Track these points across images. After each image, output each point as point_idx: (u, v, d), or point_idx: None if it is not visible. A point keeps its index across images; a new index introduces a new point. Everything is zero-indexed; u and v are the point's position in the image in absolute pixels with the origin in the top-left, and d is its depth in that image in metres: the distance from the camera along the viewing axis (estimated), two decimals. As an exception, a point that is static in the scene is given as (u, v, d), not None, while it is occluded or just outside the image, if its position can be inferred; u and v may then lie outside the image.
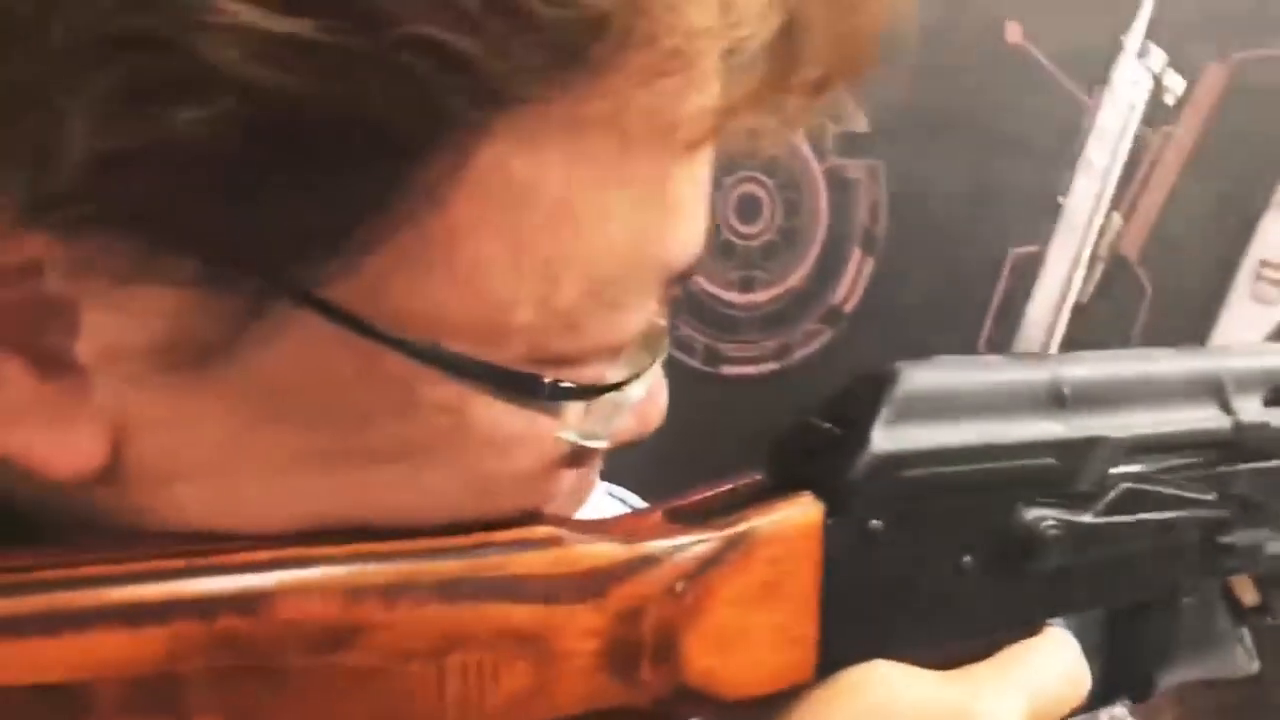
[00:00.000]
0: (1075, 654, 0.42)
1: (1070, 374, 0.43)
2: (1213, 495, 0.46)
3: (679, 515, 0.38)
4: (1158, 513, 0.45)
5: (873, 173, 1.17)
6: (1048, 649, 0.42)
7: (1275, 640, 0.52)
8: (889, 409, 0.39)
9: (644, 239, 0.32)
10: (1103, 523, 0.43)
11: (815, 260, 1.16)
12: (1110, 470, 0.43)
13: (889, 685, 0.39)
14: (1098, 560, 0.43)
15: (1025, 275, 1.26)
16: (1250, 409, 0.47)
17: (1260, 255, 1.35)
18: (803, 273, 1.16)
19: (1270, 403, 0.48)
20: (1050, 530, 0.41)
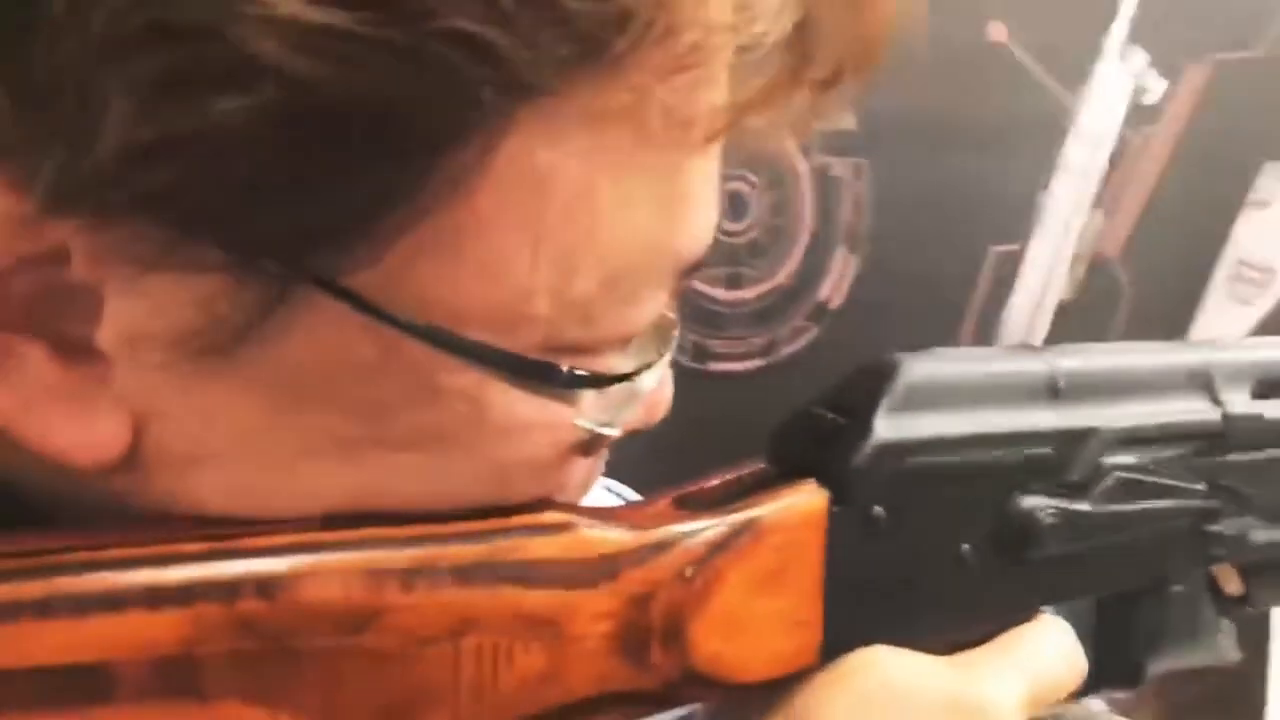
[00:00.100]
0: (1072, 639, 0.43)
1: (1065, 365, 0.44)
2: (1202, 485, 0.47)
3: (687, 502, 0.39)
4: (1149, 502, 0.45)
5: (858, 171, 1.17)
6: (1045, 634, 0.43)
7: (1254, 634, 0.53)
8: (891, 398, 0.40)
9: (658, 231, 0.33)
10: (1097, 511, 0.44)
11: (801, 257, 1.16)
12: (1103, 460, 0.44)
13: (891, 670, 0.39)
14: (1092, 548, 0.44)
15: (1006, 273, 1.26)
16: (1238, 401, 0.48)
17: (1238, 255, 1.36)
18: (789, 270, 1.16)
19: (1258, 395, 0.49)
20: (1047, 518, 0.42)
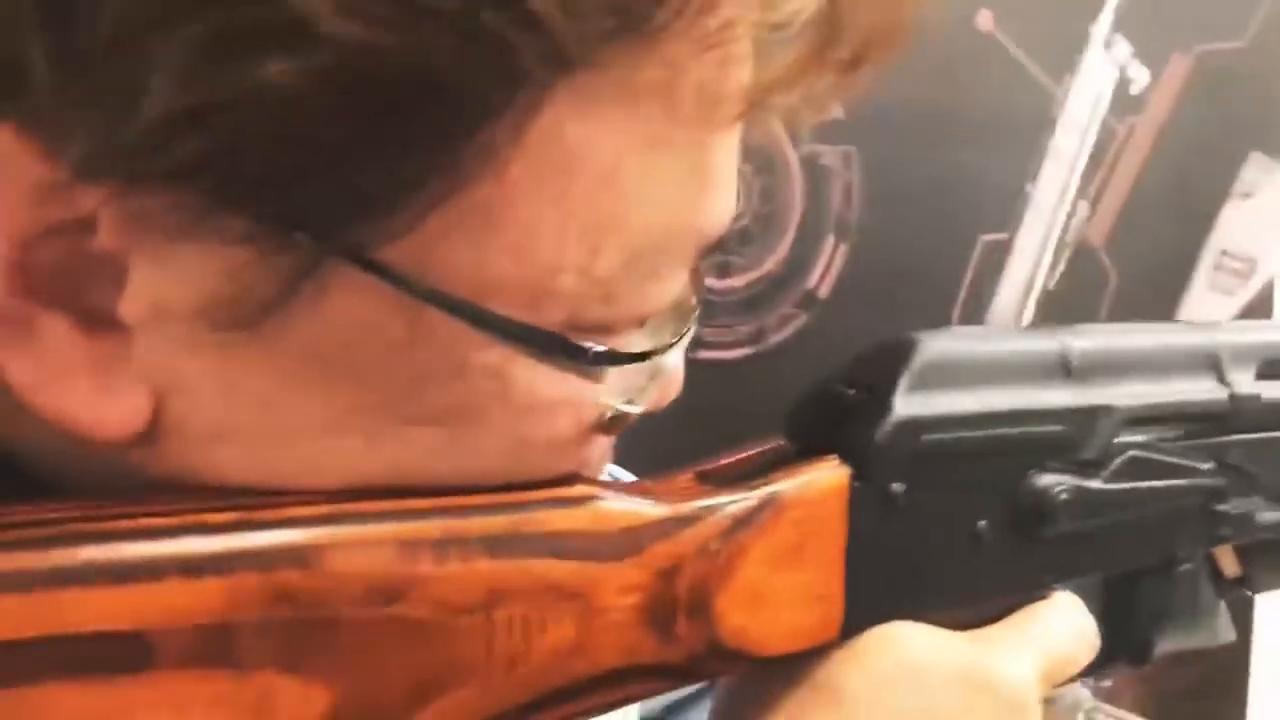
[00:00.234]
0: (1086, 615, 0.44)
1: (1077, 345, 0.44)
2: (1210, 464, 0.48)
3: (709, 478, 0.39)
4: (1159, 480, 0.46)
5: (847, 159, 1.18)
6: (1059, 610, 0.43)
7: (1239, 623, 0.53)
8: (909, 376, 0.40)
9: (682, 208, 0.33)
10: (1109, 489, 0.44)
11: (790, 246, 1.17)
12: (1115, 439, 0.45)
13: (909, 645, 0.40)
14: (1104, 526, 0.45)
15: (994, 262, 1.27)
16: (1244, 381, 0.49)
17: (1221, 245, 1.37)
18: (778, 258, 1.17)
19: (1262, 376, 0.50)
20: (1061, 495, 0.43)
